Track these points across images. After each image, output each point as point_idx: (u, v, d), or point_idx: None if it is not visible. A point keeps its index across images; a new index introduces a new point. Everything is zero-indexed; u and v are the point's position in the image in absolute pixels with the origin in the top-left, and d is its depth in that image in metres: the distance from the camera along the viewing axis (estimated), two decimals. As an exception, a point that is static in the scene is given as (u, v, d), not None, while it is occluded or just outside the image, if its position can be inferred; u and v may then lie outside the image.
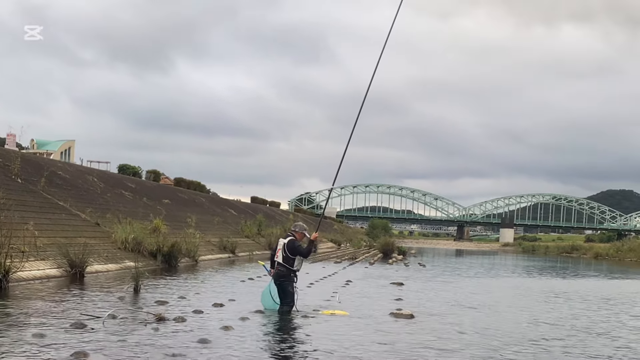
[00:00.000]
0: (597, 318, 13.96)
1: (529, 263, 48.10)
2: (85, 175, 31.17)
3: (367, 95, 12.18)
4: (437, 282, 22.52)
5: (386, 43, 12.21)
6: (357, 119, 12.29)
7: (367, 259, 37.58)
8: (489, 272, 32.28)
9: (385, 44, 12.19)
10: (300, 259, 11.59)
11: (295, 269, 11.56)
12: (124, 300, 12.77)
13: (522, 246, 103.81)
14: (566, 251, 78.44)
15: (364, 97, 12.14)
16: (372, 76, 12.19)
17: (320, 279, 20.40)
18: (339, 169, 12.46)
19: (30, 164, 25.89)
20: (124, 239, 21.66)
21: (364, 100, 12.13)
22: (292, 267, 11.48)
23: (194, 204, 43.85)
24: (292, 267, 11.48)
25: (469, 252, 79.91)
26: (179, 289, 15.43)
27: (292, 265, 11.47)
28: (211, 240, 31.50)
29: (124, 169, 46.87)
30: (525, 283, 25.30)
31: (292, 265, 11.48)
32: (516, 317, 13.26)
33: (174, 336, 8.96)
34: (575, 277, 31.78)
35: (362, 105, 12.14)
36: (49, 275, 15.75)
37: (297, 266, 11.56)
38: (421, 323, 11.58)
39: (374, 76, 12.22)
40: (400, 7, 12.23)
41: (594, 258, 65.49)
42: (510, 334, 10.76)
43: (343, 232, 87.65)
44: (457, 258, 57.13)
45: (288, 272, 11.51)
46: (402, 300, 15.12)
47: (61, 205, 22.49)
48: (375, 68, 12.20)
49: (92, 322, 9.65)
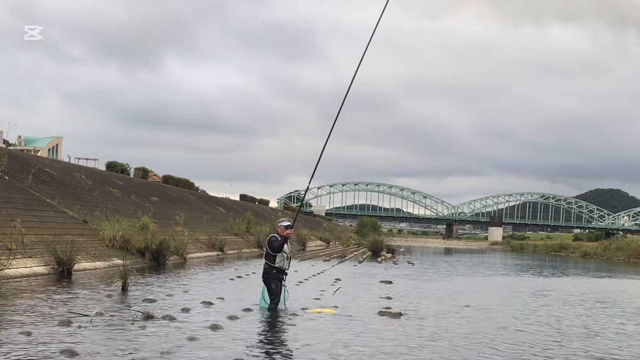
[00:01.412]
0: (585, 317, 14.05)
1: (517, 262, 48.32)
2: (73, 173, 31.01)
3: (349, 90, 12.08)
4: (425, 281, 22.57)
5: (371, 40, 12.14)
6: (338, 115, 12.21)
7: (356, 257, 37.63)
8: (477, 271, 32.39)
9: (369, 41, 12.12)
10: (282, 256, 11.61)
11: (278, 266, 11.58)
12: (112, 298, 12.73)
13: (511, 244, 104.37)
14: (554, 250, 78.89)
15: (346, 92, 12.05)
16: (355, 71, 12.12)
17: (309, 277, 20.40)
18: (317, 166, 12.40)
19: (17, 160, 25.73)
20: (112, 236, 21.58)
21: (345, 95, 12.05)
22: (274, 263, 11.56)
23: (183, 201, 43.74)
24: (274, 264, 11.55)
25: (458, 251, 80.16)
26: (167, 287, 15.39)
27: (272, 261, 11.56)
28: (200, 238, 31.43)
29: (112, 166, 46.72)
30: (513, 282, 25.41)
31: (273, 262, 11.56)
32: (504, 317, 13.31)
33: (162, 334, 8.94)
34: (564, 275, 31.94)
35: (343, 100, 12.08)
36: (36, 272, 15.67)
37: (279, 263, 11.58)
38: (409, 321, 11.60)
39: (357, 72, 12.14)
40: (386, 6, 12.15)
41: (582, 257, 65.88)
42: (497, 333, 10.79)
43: (332, 230, 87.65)
44: (446, 256, 57.31)
45: (270, 268, 11.62)
46: (390, 299, 15.15)
47: (49, 203, 22.37)
48: (359, 64, 12.13)
49: (80, 320, 9.61)
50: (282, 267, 11.66)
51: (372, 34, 12.04)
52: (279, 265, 11.60)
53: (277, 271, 11.59)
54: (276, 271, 11.58)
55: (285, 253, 11.72)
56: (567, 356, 9.09)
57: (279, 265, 11.60)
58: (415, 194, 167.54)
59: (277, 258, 11.57)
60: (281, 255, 11.60)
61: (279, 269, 11.63)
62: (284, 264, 11.71)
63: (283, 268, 11.70)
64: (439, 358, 8.43)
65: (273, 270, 11.58)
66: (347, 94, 12.07)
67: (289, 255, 11.95)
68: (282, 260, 11.64)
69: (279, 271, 11.63)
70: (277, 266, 11.57)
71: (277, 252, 11.59)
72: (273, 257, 11.57)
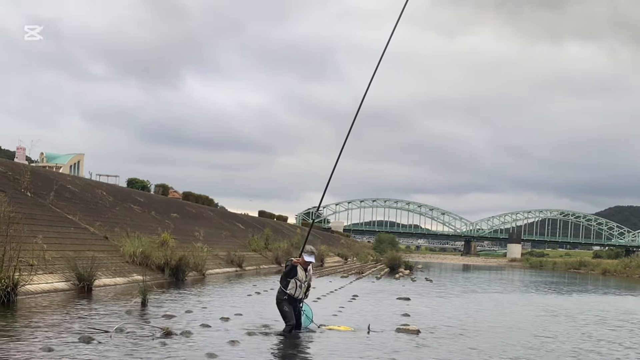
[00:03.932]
0: (602, 335, 13.94)
1: (536, 279, 47.88)
2: (94, 189, 31.33)
3: (361, 105, 11.82)
4: (444, 298, 22.49)
5: (383, 54, 12.01)
6: (350, 130, 11.80)
7: (373, 274, 37.53)
8: (496, 288, 32.17)
9: (382, 56, 12.01)
10: (295, 283, 11.03)
11: (289, 293, 11.03)
12: (132, 314, 12.83)
13: (530, 262, 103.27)
14: (574, 267, 77.99)
15: (358, 108, 11.82)
16: (368, 87, 11.85)
17: (327, 293, 20.41)
18: (329, 182, 11.95)
19: (39, 177, 26.07)
20: (132, 252, 21.75)
21: (358, 110, 11.70)
22: (285, 288, 11.06)
23: (202, 217, 43.95)
24: (285, 289, 11.06)
25: (476, 267, 79.58)
26: (186, 303, 15.49)
27: (285, 286, 11.08)
28: (219, 254, 31.56)
29: (132, 182, 47.10)
30: (533, 299, 25.21)
31: (284, 287, 11.08)
32: (524, 335, 13.24)
33: (181, 350, 9.02)
34: (584, 293, 31.63)
35: (355, 115, 11.81)
36: (57, 288, 15.84)
37: (290, 290, 11.01)
38: (427, 339, 11.58)
39: (369, 87, 11.86)
40: (398, 22, 12.05)
41: (602, 274, 65.12)
42: (517, 352, 10.75)
43: (350, 246, 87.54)
44: (465, 273, 56.94)
45: (281, 294, 11.15)
46: (409, 316, 15.12)
47: (70, 219, 22.62)
48: (371, 79, 11.96)
49: (100, 336, 9.72)
50: (292, 294, 11.08)
51: (383, 50, 11.89)
52: (290, 292, 11.05)
53: (287, 297, 11.09)
54: (287, 297, 11.09)
55: (299, 281, 11.11)
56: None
57: (290, 292, 11.06)
58: (434, 211, 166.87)
59: (290, 284, 11.08)
60: (294, 282, 11.08)
61: (290, 296, 11.09)
62: (296, 291, 11.10)
63: (294, 295, 11.11)
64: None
65: (284, 296, 11.11)
66: (359, 110, 11.76)
67: (305, 283, 11.24)
68: (294, 288, 11.06)
69: (289, 298, 11.11)
70: (287, 292, 11.07)
71: (288, 277, 11.12)
72: (285, 282, 11.13)
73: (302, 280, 11.12)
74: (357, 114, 11.89)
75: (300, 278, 11.11)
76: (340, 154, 11.89)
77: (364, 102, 11.82)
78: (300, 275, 11.11)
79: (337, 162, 11.90)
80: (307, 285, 11.27)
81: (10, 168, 24.70)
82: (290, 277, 11.05)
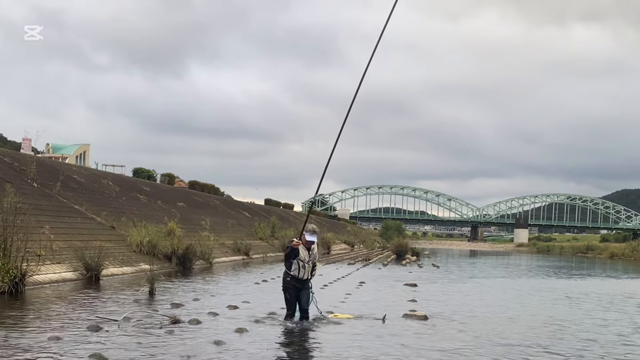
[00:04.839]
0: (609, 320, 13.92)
1: (544, 263, 47.87)
2: (100, 179, 31.38)
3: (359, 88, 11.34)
4: (451, 284, 22.49)
5: (381, 37, 11.69)
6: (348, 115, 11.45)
7: (380, 260, 37.58)
8: (503, 273, 32.15)
9: (379, 39, 11.61)
10: (298, 264, 10.86)
11: (292, 274, 10.89)
12: (140, 302, 12.88)
13: (537, 246, 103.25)
14: (581, 251, 77.96)
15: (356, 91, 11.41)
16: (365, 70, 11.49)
17: (334, 280, 20.43)
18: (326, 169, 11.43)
19: (45, 168, 26.11)
20: (139, 242, 21.81)
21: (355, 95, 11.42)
22: (289, 270, 10.95)
23: (208, 206, 44.01)
24: (289, 271, 10.95)
25: (483, 253, 79.59)
26: (193, 292, 15.53)
27: (288, 268, 10.98)
28: (225, 243, 31.60)
29: (138, 172, 47.25)
30: (541, 284, 25.18)
31: (288, 269, 10.98)
32: (532, 320, 13.23)
33: (189, 338, 9.04)
34: (592, 277, 31.57)
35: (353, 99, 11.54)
36: (65, 278, 15.90)
37: (294, 271, 10.89)
38: (435, 325, 11.58)
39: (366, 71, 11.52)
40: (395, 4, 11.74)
41: (610, 258, 65.07)
42: (524, 338, 10.74)
43: (356, 233, 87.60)
44: (471, 259, 56.95)
45: (285, 275, 11.06)
46: (416, 302, 15.13)
47: (77, 209, 22.67)
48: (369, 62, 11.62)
49: (108, 325, 9.75)
50: (296, 275, 10.91)
51: (381, 32, 11.49)
52: (294, 273, 10.91)
53: (291, 279, 10.95)
54: (290, 279, 10.96)
55: (301, 261, 10.91)
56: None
57: (294, 274, 10.91)
58: (440, 197, 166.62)
59: (293, 265, 10.92)
60: (297, 263, 10.90)
61: (294, 277, 10.94)
62: (300, 272, 10.92)
63: (298, 276, 10.93)
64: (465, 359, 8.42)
65: (288, 277, 10.98)
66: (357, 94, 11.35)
67: (308, 263, 11.01)
68: (298, 269, 10.90)
69: (294, 279, 10.96)
70: (291, 274, 10.93)
71: (288, 259, 10.98)
72: (288, 264, 11.01)
73: (304, 260, 10.91)
74: (355, 97, 11.50)
75: (303, 258, 10.89)
76: (338, 138, 11.34)
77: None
78: (303, 255, 10.89)
79: (335, 147, 11.37)
80: (311, 265, 11.10)
81: (17, 159, 24.75)
82: (292, 258, 10.94)
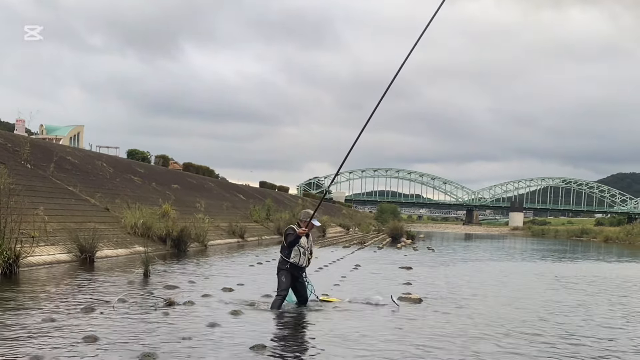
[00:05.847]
0: (600, 303, 13.95)
1: (538, 247, 48.01)
2: (94, 161, 31.27)
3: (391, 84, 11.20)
4: (446, 266, 22.51)
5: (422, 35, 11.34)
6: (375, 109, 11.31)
7: (375, 244, 37.62)
8: (498, 256, 32.22)
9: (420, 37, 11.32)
10: (299, 251, 10.56)
11: (292, 262, 10.57)
12: (134, 284, 12.86)
13: (532, 230, 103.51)
14: (576, 235, 78.22)
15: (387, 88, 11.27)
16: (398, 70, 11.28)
17: (329, 263, 20.43)
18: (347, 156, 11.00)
19: (39, 149, 25.99)
20: (134, 224, 21.76)
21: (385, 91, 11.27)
22: (288, 258, 10.58)
23: (203, 188, 43.95)
24: (288, 259, 10.58)
25: (478, 236, 79.76)
26: (188, 274, 15.51)
27: (287, 256, 10.60)
28: (220, 225, 31.59)
29: (133, 154, 47.03)
30: (534, 267, 25.23)
31: (287, 256, 10.60)
32: (526, 304, 13.24)
33: (183, 320, 9.02)
34: (586, 260, 31.67)
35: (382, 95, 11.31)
36: (59, 260, 15.86)
37: (293, 258, 10.56)
38: (430, 307, 11.57)
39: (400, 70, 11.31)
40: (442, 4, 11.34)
41: (604, 242, 65.30)
42: (518, 320, 10.74)
43: (352, 216, 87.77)
44: (466, 242, 57.08)
45: (283, 262, 10.61)
46: (410, 285, 15.13)
47: (70, 191, 22.58)
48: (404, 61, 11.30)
49: (103, 307, 9.72)
50: (296, 262, 10.60)
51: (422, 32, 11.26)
52: (293, 260, 10.57)
53: (290, 266, 10.58)
54: (289, 266, 10.58)
55: (302, 248, 10.63)
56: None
57: (293, 261, 10.57)
58: (435, 180, 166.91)
59: (293, 253, 10.58)
60: (297, 250, 10.60)
61: (293, 265, 10.61)
62: (300, 259, 10.62)
63: (298, 264, 10.63)
64: (461, 342, 8.40)
65: (286, 265, 10.62)
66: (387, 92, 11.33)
67: (308, 250, 10.79)
68: (298, 256, 10.59)
69: (292, 267, 10.62)
70: (291, 261, 10.57)
71: (291, 247, 10.64)
72: (288, 251, 10.66)
73: (305, 247, 10.71)
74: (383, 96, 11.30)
75: (303, 245, 10.69)
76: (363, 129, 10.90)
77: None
78: (303, 242, 10.69)
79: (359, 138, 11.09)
80: (309, 251, 10.90)
81: (10, 140, 24.61)
82: (292, 246, 10.60)
